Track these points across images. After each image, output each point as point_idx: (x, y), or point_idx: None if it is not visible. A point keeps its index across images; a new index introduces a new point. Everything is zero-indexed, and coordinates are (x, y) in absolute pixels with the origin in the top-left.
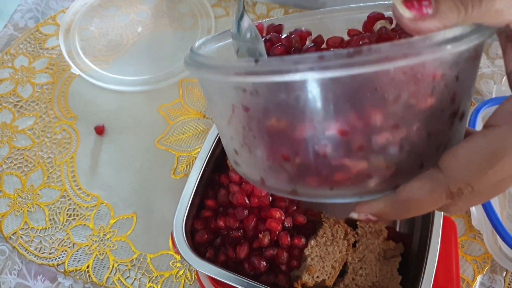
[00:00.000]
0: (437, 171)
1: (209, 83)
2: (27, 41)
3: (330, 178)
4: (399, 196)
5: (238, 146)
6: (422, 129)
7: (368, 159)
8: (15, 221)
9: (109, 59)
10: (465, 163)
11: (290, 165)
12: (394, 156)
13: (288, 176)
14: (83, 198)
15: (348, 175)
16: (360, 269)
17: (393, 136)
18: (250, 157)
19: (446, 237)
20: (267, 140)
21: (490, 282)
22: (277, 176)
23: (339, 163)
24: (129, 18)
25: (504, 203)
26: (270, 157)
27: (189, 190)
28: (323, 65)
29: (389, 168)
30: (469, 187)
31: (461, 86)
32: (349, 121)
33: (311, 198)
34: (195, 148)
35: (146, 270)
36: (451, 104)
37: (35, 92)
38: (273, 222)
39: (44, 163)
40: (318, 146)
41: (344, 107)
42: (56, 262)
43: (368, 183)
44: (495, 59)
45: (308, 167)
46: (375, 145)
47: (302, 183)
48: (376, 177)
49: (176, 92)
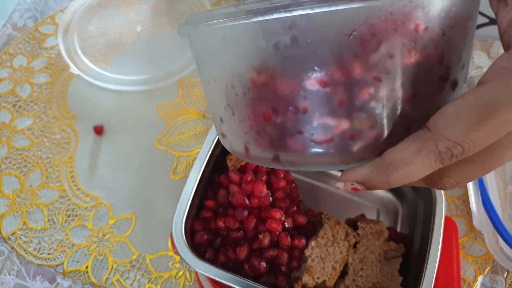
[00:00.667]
0: (424, 131)
1: (198, 42)
2: (26, 41)
3: (312, 139)
4: (384, 159)
5: (222, 110)
6: (407, 87)
7: (350, 117)
8: (13, 221)
9: (108, 58)
10: (453, 119)
11: (272, 126)
12: (378, 115)
13: (270, 140)
14: (82, 199)
15: (330, 136)
16: (360, 270)
17: (376, 91)
18: (233, 121)
19: (447, 238)
20: (248, 96)
21: (491, 283)
22: (259, 140)
23: (320, 121)
24: (128, 18)
25: (506, 204)
26: (252, 116)
27: (188, 191)
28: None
29: (373, 128)
30: (458, 146)
31: (449, 46)
32: (329, 71)
33: (294, 166)
34: (194, 148)
35: (146, 271)
36: (439, 65)
37: (34, 92)
38: (273, 223)
39: (43, 163)
40: (298, 100)
41: (323, 55)
42: (55, 263)
43: (351, 147)
44: None
45: (289, 126)
46: (357, 100)
47: (283, 147)
48: (360, 139)
49: (176, 91)
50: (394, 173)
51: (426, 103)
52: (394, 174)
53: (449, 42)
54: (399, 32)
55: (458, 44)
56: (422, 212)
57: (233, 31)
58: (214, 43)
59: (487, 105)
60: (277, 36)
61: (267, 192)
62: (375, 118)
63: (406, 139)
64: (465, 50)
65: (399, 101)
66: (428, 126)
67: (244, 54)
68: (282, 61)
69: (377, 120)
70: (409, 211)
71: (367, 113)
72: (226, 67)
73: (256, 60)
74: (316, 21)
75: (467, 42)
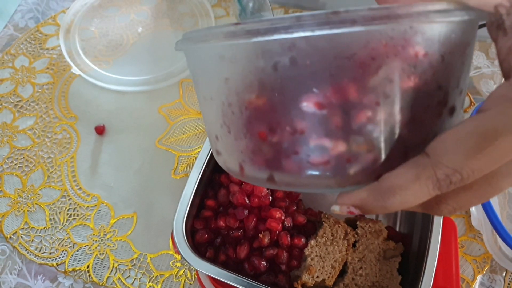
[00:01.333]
0: (423, 157)
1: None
2: (27, 41)
3: (308, 161)
4: (382, 184)
5: (218, 128)
6: (405, 112)
7: (347, 140)
8: (15, 221)
9: (109, 59)
10: (452, 147)
11: (267, 145)
12: (375, 138)
13: (265, 159)
14: (83, 198)
15: (326, 158)
16: (360, 269)
17: (373, 114)
18: (229, 139)
19: (446, 237)
20: (245, 115)
21: (490, 282)
22: (254, 159)
23: (317, 142)
24: (129, 18)
25: (504, 203)
26: (248, 135)
27: (189, 190)
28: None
29: (370, 152)
30: (457, 173)
31: (448, 72)
32: (327, 93)
33: (289, 187)
34: (195, 148)
35: (146, 270)
36: (438, 91)
37: (35, 92)
38: (273, 222)
39: (44, 163)
40: (295, 121)
41: (321, 77)
42: (56, 262)
43: (348, 169)
44: (495, 59)
45: (285, 147)
46: (354, 123)
47: (279, 167)
48: (356, 162)
49: (176, 92)
50: (391, 198)
51: (424, 128)
52: (391, 199)
53: (447, 68)
54: (399, 57)
55: (457, 70)
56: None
57: (231, 50)
58: (211, 61)
59: (486, 133)
60: (276, 56)
61: (267, 191)
62: (373, 142)
63: (404, 165)
64: (463, 76)
65: (397, 125)
66: (427, 152)
67: (242, 73)
68: (280, 81)
69: (375, 144)
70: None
71: (365, 136)
72: (223, 86)
73: (254, 79)
74: (316, 43)
75: (465, 68)
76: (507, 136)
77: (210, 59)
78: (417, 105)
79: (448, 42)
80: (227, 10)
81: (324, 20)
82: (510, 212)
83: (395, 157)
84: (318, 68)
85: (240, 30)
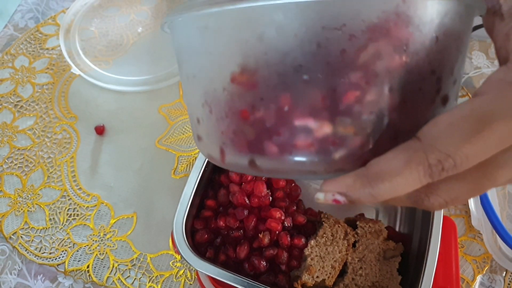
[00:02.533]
0: (414, 141)
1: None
2: (27, 41)
3: (291, 143)
4: (370, 169)
5: (200, 109)
6: (396, 94)
7: (333, 121)
8: (15, 221)
9: (109, 59)
10: (446, 130)
11: (249, 125)
12: (363, 121)
13: (247, 141)
14: (83, 198)
15: (310, 140)
16: (360, 269)
17: (362, 94)
18: (210, 121)
19: (446, 237)
20: (228, 91)
21: (490, 282)
22: (235, 140)
23: (301, 122)
24: (129, 18)
25: (504, 203)
26: (230, 113)
27: (189, 190)
28: None
29: (357, 135)
30: (450, 159)
31: (441, 56)
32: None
33: (271, 173)
34: (195, 148)
35: (146, 270)
36: (431, 75)
37: (35, 92)
38: (273, 222)
39: (44, 163)
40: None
41: (309, 48)
42: (56, 262)
43: (333, 154)
44: (495, 59)
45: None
46: (341, 102)
47: (260, 149)
48: (342, 146)
49: (176, 92)
50: (379, 185)
51: (415, 113)
52: (379, 186)
53: (441, 51)
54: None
55: (451, 55)
56: (421, 212)
57: (215, 19)
58: (195, 33)
59: (483, 117)
60: (262, 26)
61: (267, 191)
62: (360, 124)
63: (394, 149)
64: (457, 65)
65: (387, 108)
66: (418, 136)
67: (225, 45)
68: (265, 53)
69: (362, 126)
70: (408, 210)
71: (352, 117)
72: (206, 60)
73: (239, 51)
74: (305, 12)
75: (460, 56)
76: (504, 120)
77: (194, 32)
78: (409, 87)
79: (442, 23)
80: None
81: None
82: (510, 212)
83: (384, 142)
84: (305, 39)
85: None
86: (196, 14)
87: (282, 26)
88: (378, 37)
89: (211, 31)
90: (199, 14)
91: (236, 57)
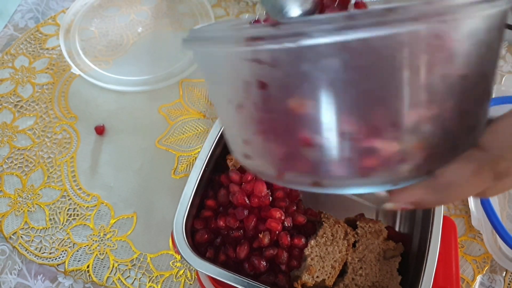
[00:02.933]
0: (479, 151)
1: (213, 61)
2: (27, 41)
3: (359, 164)
4: (439, 180)
5: (249, 135)
6: (456, 105)
7: (399, 140)
8: (15, 221)
9: (109, 59)
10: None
11: (313, 151)
12: (427, 135)
13: (311, 165)
14: (83, 198)
15: (378, 160)
16: (360, 269)
17: (426, 111)
18: (265, 146)
19: (446, 237)
20: (287, 121)
21: (490, 282)
22: (297, 165)
23: (368, 145)
24: (129, 19)
25: (504, 203)
26: (290, 142)
27: (189, 190)
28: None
29: (422, 149)
30: None
31: (490, 60)
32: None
33: (337, 189)
34: (195, 148)
35: (146, 270)
36: (483, 79)
37: (35, 92)
38: (273, 222)
39: (44, 163)
40: (345, 124)
41: (374, 77)
42: (56, 262)
43: (400, 168)
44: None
45: (334, 151)
46: (406, 122)
47: (326, 172)
48: (409, 160)
49: (176, 92)
50: (450, 193)
51: (469, 118)
52: (450, 193)
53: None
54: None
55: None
56: (421, 212)
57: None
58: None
59: None
60: (324, 59)
61: (267, 191)
62: (425, 139)
63: (460, 160)
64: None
65: (448, 120)
66: (482, 146)
67: (283, 78)
68: (329, 84)
69: (426, 141)
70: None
71: (417, 134)
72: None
73: (298, 84)
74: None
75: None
76: None
77: (240, 63)
78: (466, 97)
79: (492, 29)
80: (227, 10)
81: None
82: (510, 212)
83: (446, 151)
84: (371, 70)
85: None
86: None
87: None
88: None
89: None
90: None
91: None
